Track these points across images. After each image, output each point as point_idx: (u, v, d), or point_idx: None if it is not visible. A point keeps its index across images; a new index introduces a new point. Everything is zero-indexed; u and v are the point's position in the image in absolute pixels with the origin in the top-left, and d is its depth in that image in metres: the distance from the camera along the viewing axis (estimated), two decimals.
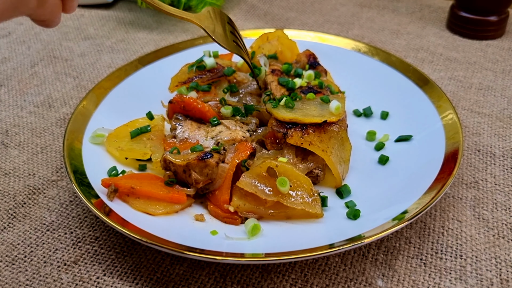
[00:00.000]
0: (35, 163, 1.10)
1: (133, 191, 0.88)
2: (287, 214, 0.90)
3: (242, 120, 1.04)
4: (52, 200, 1.01)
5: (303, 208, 0.87)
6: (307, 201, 0.88)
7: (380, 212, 0.88)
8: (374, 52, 1.30)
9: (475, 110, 1.23)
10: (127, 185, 0.88)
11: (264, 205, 0.89)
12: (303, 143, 0.92)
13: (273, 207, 0.89)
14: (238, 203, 0.89)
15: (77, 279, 0.84)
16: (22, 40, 1.60)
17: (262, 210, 0.89)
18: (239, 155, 0.93)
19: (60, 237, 0.92)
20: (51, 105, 1.30)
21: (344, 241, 0.80)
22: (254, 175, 0.89)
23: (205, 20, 1.01)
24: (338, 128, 0.97)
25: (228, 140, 0.98)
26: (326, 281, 0.83)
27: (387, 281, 0.83)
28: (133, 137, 1.04)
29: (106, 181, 0.91)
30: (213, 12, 1.05)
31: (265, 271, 0.85)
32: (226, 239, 0.85)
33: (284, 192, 0.87)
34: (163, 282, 0.84)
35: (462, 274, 0.83)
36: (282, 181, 0.87)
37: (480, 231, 0.91)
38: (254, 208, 0.89)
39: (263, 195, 0.87)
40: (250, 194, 0.89)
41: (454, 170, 0.90)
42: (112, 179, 0.91)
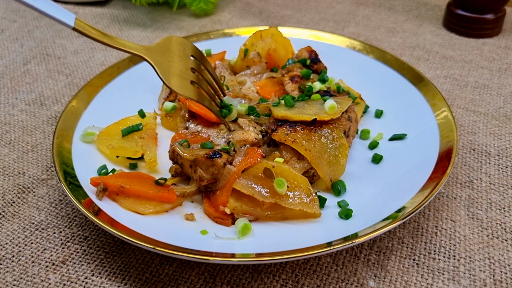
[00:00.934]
0: (25, 162, 1.09)
1: (122, 190, 0.87)
2: (284, 215, 0.88)
3: (256, 120, 1.02)
4: (41, 199, 0.99)
5: (301, 209, 0.86)
6: (305, 202, 0.86)
7: (373, 211, 0.87)
8: (369, 50, 1.29)
9: (471, 108, 1.22)
10: (116, 184, 0.87)
11: (261, 206, 0.88)
12: (286, 140, 0.91)
13: (270, 209, 0.88)
14: (235, 205, 0.87)
15: (65, 279, 0.83)
16: (15, 38, 1.59)
17: (259, 212, 0.88)
18: (247, 160, 0.90)
19: (49, 236, 0.91)
20: (42, 103, 1.28)
21: (335, 241, 0.79)
22: (250, 176, 0.87)
23: (157, 54, 0.86)
24: (332, 129, 0.95)
25: (239, 140, 0.95)
26: (317, 282, 0.82)
27: (379, 281, 0.82)
28: (125, 135, 1.02)
29: (95, 179, 0.89)
30: (175, 43, 0.90)
31: (255, 271, 0.84)
32: (216, 239, 0.83)
33: (281, 193, 0.85)
34: (152, 282, 0.82)
35: (455, 275, 0.82)
36: (280, 182, 0.85)
37: (474, 231, 0.90)
38: (251, 210, 0.88)
39: (260, 197, 0.86)
40: (246, 196, 0.87)
41: (448, 169, 0.89)
42: (101, 177, 0.90)
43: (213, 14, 1.72)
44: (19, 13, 1.74)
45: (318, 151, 0.93)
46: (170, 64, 0.87)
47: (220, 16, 1.70)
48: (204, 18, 1.70)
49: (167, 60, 0.87)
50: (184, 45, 0.92)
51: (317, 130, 0.95)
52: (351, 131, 1.03)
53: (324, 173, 0.92)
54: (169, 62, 0.87)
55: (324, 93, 1.05)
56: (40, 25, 1.66)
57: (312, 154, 0.92)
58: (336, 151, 0.95)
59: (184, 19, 1.69)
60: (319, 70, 1.18)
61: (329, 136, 0.95)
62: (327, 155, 0.94)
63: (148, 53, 0.86)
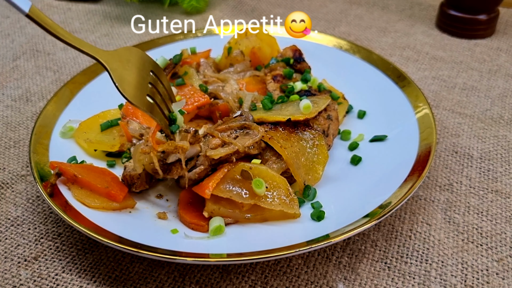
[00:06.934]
0: (6, 157, 1.10)
1: (75, 179, 0.88)
2: (264, 217, 0.87)
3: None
4: (19, 195, 1.00)
5: (281, 209, 0.85)
6: (285, 202, 0.85)
7: (346, 213, 0.86)
8: (356, 49, 1.27)
9: (457, 110, 1.20)
10: (70, 172, 0.88)
11: (241, 208, 0.86)
12: (263, 136, 0.91)
13: (249, 211, 0.86)
14: (213, 208, 0.86)
15: (35, 275, 0.83)
16: (7, 34, 1.60)
17: (238, 214, 0.86)
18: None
19: (24, 232, 0.92)
20: (28, 99, 1.29)
21: (304, 242, 0.78)
22: (228, 179, 0.86)
23: (115, 61, 0.83)
24: (314, 135, 0.95)
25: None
26: (286, 283, 0.81)
27: (348, 284, 0.81)
28: (103, 129, 1.03)
29: (54, 163, 0.91)
30: (135, 55, 0.88)
31: (225, 271, 0.83)
32: (186, 238, 0.83)
33: (260, 194, 0.84)
34: (122, 280, 0.82)
35: (426, 279, 0.81)
36: (258, 183, 0.84)
37: (450, 235, 0.89)
38: (230, 212, 0.86)
39: (240, 198, 0.84)
40: (225, 198, 0.86)
41: (424, 171, 0.88)
42: (59, 163, 0.91)
43: (204, 12, 1.71)
44: (13, 9, 1.74)
45: (295, 152, 0.92)
46: (127, 73, 0.84)
47: (211, 14, 1.70)
48: (196, 15, 1.69)
49: (124, 69, 0.84)
50: (144, 59, 0.90)
51: (298, 133, 0.94)
52: (331, 130, 1.02)
53: (298, 174, 0.91)
54: (127, 71, 0.84)
55: (304, 93, 1.04)
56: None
57: (287, 152, 0.91)
58: (314, 156, 0.94)
59: (175, 17, 1.69)
60: (303, 69, 1.17)
61: (310, 141, 0.94)
62: (304, 158, 0.93)
63: (105, 58, 0.83)
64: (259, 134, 0.89)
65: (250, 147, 0.89)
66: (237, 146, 0.88)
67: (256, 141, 0.89)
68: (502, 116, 1.18)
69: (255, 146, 0.90)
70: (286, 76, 1.13)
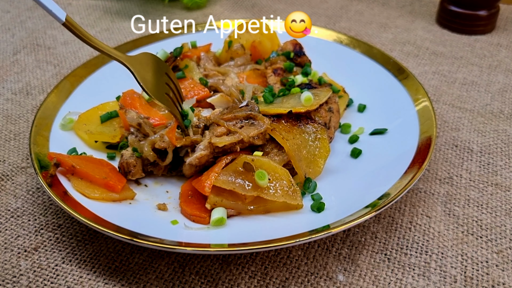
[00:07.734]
0: (7, 150, 1.10)
1: (74, 170, 0.88)
2: (266, 208, 0.87)
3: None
4: (19, 186, 1.00)
5: (284, 201, 0.85)
6: (288, 193, 0.85)
7: (346, 205, 0.86)
8: (356, 44, 1.27)
9: (457, 105, 1.21)
10: (68, 163, 0.88)
11: (243, 200, 0.86)
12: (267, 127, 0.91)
13: (252, 203, 0.86)
14: (215, 200, 0.86)
15: (35, 266, 0.83)
16: (7, 28, 1.60)
17: (241, 206, 0.86)
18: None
19: (24, 223, 0.92)
20: (29, 92, 1.29)
21: (304, 233, 0.78)
22: (230, 171, 0.86)
23: (137, 64, 0.93)
24: (317, 128, 0.95)
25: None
26: (286, 274, 0.81)
27: (348, 275, 0.81)
28: (103, 121, 1.03)
29: (52, 154, 0.91)
30: (151, 59, 0.98)
31: (224, 262, 0.83)
32: (186, 229, 0.83)
33: (263, 186, 0.84)
34: (121, 271, 0.82)
35: (426, 271, 0.81)
36: (261, 174, 0.84)
37: (449, 228, 0.89)
38: (232, 204, 0.86)
39: (243, 190, 0.84)
40: (227, 190, 0.86)
41: (424, 163, 0.88)
42: (57, 154, 0.91)
43: (205, 8, 1.71)
44: (13, 4, 1.75)
45: (297, 144, 0.92)
46: (147, 75, 0.94)
47: (212, 10, 1.70)
48: (196, 11, 1.69)
49: (145, 71, 0.94)
50: (158, 62, 1.00)
51: (301, 126, 0.94)
52: (332, 122, 1.02)
53: (300, 167, 0.91)
54: (147, 73, 0.94)
55: (305, 86, 1.04)
56: (33, 16, 1.66)
57: (289, 144, 0.91)
58: (316, 149, 0.94)
59: (176, 12, 1.69)
60: (303, 63, 1.17)
61: (312, 134, 0.94)
62: (305, 151, 0.93)
63: (129, 62, 0.92)
64: (265, 125, 0.90)
65: (255, 137, 0.90)
66: (242, 135, 0.88)
67: (261, 132, 0.90)
68: (502, 111, 1.18)
69: (259, 136, 0.90)
70: (287, 70, 1.13)
